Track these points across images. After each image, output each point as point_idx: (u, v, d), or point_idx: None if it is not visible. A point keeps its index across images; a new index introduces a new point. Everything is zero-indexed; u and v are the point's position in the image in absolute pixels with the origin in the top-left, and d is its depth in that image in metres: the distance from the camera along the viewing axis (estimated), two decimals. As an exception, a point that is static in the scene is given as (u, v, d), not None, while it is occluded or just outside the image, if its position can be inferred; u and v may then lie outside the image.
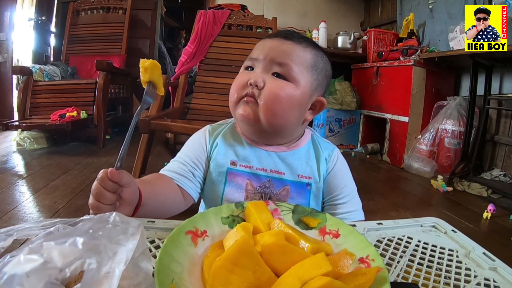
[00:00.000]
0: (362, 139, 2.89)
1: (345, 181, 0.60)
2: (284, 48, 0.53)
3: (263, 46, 0.55)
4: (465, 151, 2.02)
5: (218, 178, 0.57)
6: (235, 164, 0.57)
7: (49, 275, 0.22)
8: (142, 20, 3.36)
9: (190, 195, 0.57)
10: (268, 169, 0.57)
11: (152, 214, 0.45)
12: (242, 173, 0.57)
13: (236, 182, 0.57)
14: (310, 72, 0.54)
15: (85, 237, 0.24)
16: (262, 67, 0.53)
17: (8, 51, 3.05)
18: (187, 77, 1.97)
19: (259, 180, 0.57)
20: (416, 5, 2.76)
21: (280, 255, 0.31)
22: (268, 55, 0.53)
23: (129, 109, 3.33)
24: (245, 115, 0.52)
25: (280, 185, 0.57)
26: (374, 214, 1.50)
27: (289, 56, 0.53)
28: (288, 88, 0.52)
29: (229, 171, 0.57)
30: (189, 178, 0.57)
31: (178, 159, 0.59)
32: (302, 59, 0.54)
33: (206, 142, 0.60)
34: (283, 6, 3.28)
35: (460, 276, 0.34)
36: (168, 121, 1.44)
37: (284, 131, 0.56)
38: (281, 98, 0.51)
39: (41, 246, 0.23)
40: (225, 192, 0.57)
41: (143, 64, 0.48)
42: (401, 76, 2.38)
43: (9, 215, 1.26)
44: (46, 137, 2.43)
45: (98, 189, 0.40)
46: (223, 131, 0.61)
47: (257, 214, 0.39)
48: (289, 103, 0.52)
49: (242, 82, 0.53)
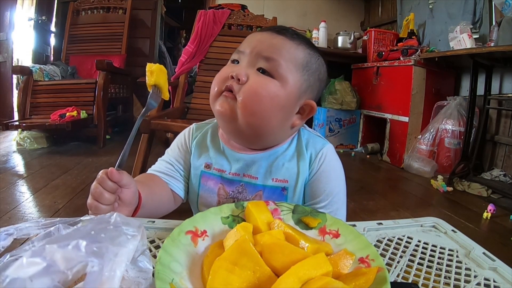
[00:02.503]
0: (362, 139, 2.89)
1: (330, 186, 0.53)
2: (273, 42, 0.49)
3: (251, 38, 0.51)
4: (465, 151, 2.02)
5: (193, 181, 0.55)
6: (209, 167, 0.54)
7: (52, 279, 0.22)
8: (142, 20, 3.36)
9: (178, 195, 0.56)
10: (241, 174, 0.53)
11: (148, 215, 0.45)
12: (215, 176, 0.54)
13: (208, 186, 0.54)
14: (300, 72, 0.49)
15: (87, 239, 0.24)
16: (247, 60, 0.49)
17: (8, 51, 3.05)
18: (187, 77, 1.97)
19: (232, 185, 0.53)
20: (416, 5, 2.76)
21: (280, 255, 0.31)
22: (255, 48, 0.48)
23: (129, 109, 3.33)
24: (222, 110, 0.48)
25: (253, 191, 0.52)
26: (374, 214, 1.50)
27: (278, 51, 0.48)
28: (271, 86, 0.47)
29: (202, 174, 0.54)
30: (176, 178, 0.56)
31: (165, 159, 0.58)
32: (293, 56, 0.49)
33: (190, 140, 0.58)
34: (283, 6, 3.28)
35: (460, 276, 0.34)
36: (168, 121, 1.44)
37: (265, 134, 0.50)
38: (262, 96, 0.46)
39: (43, 249, 0.23)
40: (200, 195, 0.55)
41: (150, 68, 0.49)
42: (401, 76, 2.38)
43: (9, 214, 1.26)
44: (46, 137, 2.43)
45: (97, 189, 0.40)
46: (204, 132, 0.58)
47: (257, 214, 0.39)
48: (270, 103, 0.47)
49: (224, 75, 0.49)
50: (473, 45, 2.00)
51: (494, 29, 1.91)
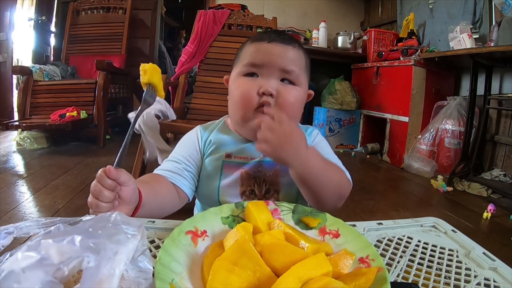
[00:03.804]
0: (362, 139, 2.89)
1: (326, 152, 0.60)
2: (289, 55, 0.55)
3: (265, 51, 0.55)
4: (465, 151, 2.02)
5: (214, 172, 0.58)
6: (230, 157, 0.58)
7: (45, 272, 0.22)
8: (142, 20, 3.36)
9: (184, 193, 0.57)
10: (260, 156, 0.58)
11: (150, 215, 0.45)
12: (237, 164, 0.58)
13: (231, 173, 0.58)
14: (305, 72, 0.58)
15: (83, 235, 0.24)
16: (270, 74, 0.54)
17: (8, 51, 3.05)
18: (187, 77, 1.97)
19: (252, 167, 0.58)
20: (416, 5, 2.76)
21: (280, 255, 0.31)
22: (276, 63, 0.54)
23: (129, 109, 3.33)
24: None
25: (271, 168, 0.58)
26: (374, 214, 1.50)
27: (293, 62, 0.55)
28: (297, 93, 0.56)
29: (224, 164, 0.58)
30: (183, 176, 0.57)
31: (171, 158, 0.60)
32: (301, 62, 0.58)
33: (199, 140, 0.61)
34: (283, 6, 3.28)
35: (460, 276, 0.34)
36: (168, 121, 1.44)
37: None
38: (294, 104, 0.55)
39: (39, 244, 0.23)
40: (221, 184, 0.58)
41: (143, 67, 0.51)
42: (401, 76, 2.38)
43: (9, 214, 1.26)
44: (46, 137, 2.43)
45: (97, 186, 0.40)
46: (215, 129, 0.62)
47: (257, 214, 0.39)
48: (298, 106, 0.57)
49: (250, 90, 0.54)
50: (473, 45, 2.00)
51: (494, 29, 1.91)
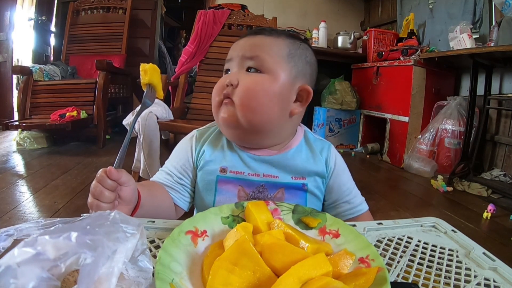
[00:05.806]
0: (362, 139, 2.89)
1: (346, 177, 0.59)
2: (254, 42, 0.52)
3: (234, 46, 0.54)
4: (465, 151, 2.02)
5: (208, 187, 0.54)
6: (225, 171, 0.53)
7: (41, 267, 0.22)
8: (142, 20, 3.36)
9: (179, 207, 0.55)
10: (261, 174, 0.53)
11: (149, 216, 0.45)
12: (233, 179, 0.53)
13: (227, 190, 0.53)
14: (286, 61, 0.51)
15: (80, 232, 0.24)
16: (235, 65, 0.52)
17: (8, 51, 3.05)
18: (187, 77, 1.97)
19: (252, 185, 0.53)
20: (416, 5, 2.76)
21: (280, 255, 0.31)
22: (239, 53, 0.52)
23: (129, 109, 3.32)
24: (225, 117, 0.50)
25: (275, 189, 0.54)
26: (374, 214, 1.48)
27: (259, 48, 0.51)
28: (263, 81, 0.49)
29: (219, 179, 0.53)
30: (176, 189, 0.55)
31: (165, 169, 0.57)
32: (276, 49, 0.51)
33: (192, 150, 0.56)
34: (283, 6, 3.27)
35: (460, 276, 0.34)
36: (168, 121, 1.44)
37: (268, 129, 0.52)
38: (256, 92, 0.48)
39: (35, 240, 0.23)
40: (216, 201, 0.54)
41: (143, 68, 0.50)
42: (401, 76, 2.38)
43: (9, 215, 1.26)
44: (46, 137, 2.43)
45: (97, 187, 0.40)
46: (210, 137, 0.57)
47: (257, 214, 0.39)
48: (266, 97, 0.49)
49: (220, 85, 0.52)
50: (473, 45, 2.00)
51: (494, 29, 1.91)
